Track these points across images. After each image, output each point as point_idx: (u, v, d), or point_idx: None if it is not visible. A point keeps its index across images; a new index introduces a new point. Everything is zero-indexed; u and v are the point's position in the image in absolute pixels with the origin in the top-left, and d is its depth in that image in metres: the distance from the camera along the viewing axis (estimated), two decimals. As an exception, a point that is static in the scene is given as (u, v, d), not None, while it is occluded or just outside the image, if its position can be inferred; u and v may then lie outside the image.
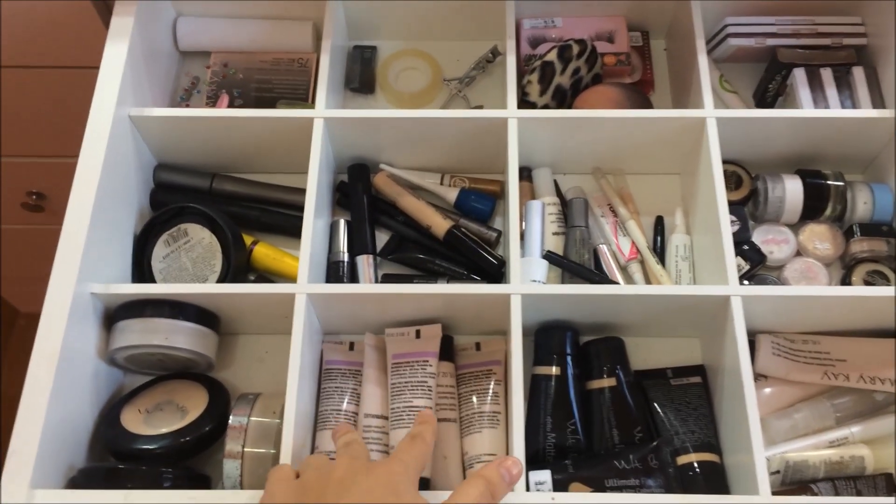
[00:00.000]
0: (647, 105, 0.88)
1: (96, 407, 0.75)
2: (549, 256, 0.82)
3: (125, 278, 0.80)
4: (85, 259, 0.71)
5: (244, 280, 0.82)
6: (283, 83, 0.93)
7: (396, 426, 0.73)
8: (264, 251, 0.83)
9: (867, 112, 0.82)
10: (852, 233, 0.83)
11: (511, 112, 0.80)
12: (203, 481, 0.72)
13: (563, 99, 0.88)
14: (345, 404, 0.76)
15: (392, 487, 0.57)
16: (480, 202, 0.86)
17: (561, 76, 0.86)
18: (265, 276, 0.84)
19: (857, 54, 0.88)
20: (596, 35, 0.92)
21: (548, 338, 0.78)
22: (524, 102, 0.86)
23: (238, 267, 0.80)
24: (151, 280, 0.80)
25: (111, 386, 0.78)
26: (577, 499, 0.66)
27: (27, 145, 1.20)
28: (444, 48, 0.96)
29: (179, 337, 0.74)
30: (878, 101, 0.84)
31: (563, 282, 0.83)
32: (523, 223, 0.84)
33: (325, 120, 0.80)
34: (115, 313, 0.75)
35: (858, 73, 0.85)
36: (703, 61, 0.83)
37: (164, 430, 0.72)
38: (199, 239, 0.80)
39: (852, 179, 0.86)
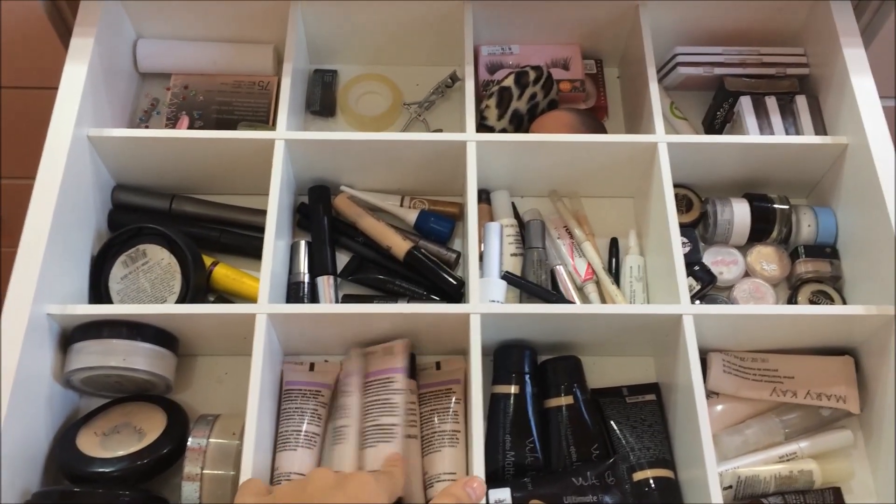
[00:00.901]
0: (601, 130, 0.90)
1: (52, 430, 0.74)
2: (507, 277, 0.83)
3: (82, 299, 0.79)
4: (41, 279, 0.70)
5: (204, 301, 0.82)
6: (244, 105, 0.93)
7: (365, 445, 0.73)
8: (224, 272, 0.83)
9: (810, 139, 0.85)
10: (797, 254, 0.86)
11: (470, 136, 0.82)
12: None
13: (520, 123, 0.90)
14: (305, 425, 0.76)
15: (369, 492, 0.59)
16: (439, 224, 0.87)
17: (518, 101, 0.88)
18: (225, 296, 0.84)
19: (799, 83, 0.92)
20: (552, 62, 0.95)
21: (506, 357, 0.79)
22: (482, 126, 0.87)
23: (198, 288, 0.80)
24: (109, 301, 0.80)
25: (67, 409, 0.77)
26: (536, 515, 0.67)
27: (-20, 166, 1.18)
28: (403, 73, 0.98)
29: (138, 358, 0.74)
30: (819, 128, 0.88)
31: (521, 302, 0.84)
32: (482, 244, 0.85)
33: (287, 141, 0.81)
34: (72, 335, 0.74)
35: (801, 102, 0.89)
36: (654, 89, 0.86)
37: (121, 453, 0.71)
38: (158, 260, 0.80)
39: (797, 203, 0.89)
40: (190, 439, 0.71)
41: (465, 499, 0.62)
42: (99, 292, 0.80)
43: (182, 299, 0.79)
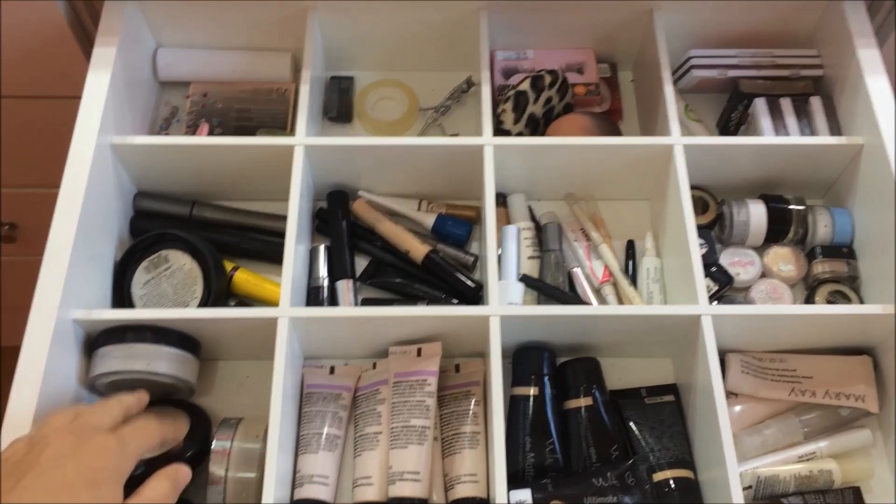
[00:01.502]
0: (617, 133, 0.91)
1: (77, 434, 0.74)
2: (525, 279, 0.84)
3: (105, 305, 0.80)
4: (67, 285, 0.71)
5: (225, 305, 0.83)
6: (263, 112, 0.94)
7: (395, 446, 0.74)
8: (245, 277, 0.84)
9: (825, 139, 0.86)
10: (814, 255, 0.86)
11: (487, 139, 0.83)
12: None
13: (537, 127, 0.91)
14: (326, 428, 0.77)
15: (108, 459, 0.57)
16: (457, 227, 0.88)
17: (534, 105, 0.89)
18: (246, 301, 0.85)
19: (813, 85, 0.92)
20: (566, 66, 0.96)
21: (525, 359, 0.79)
22: (499, 130, 0.88)
23: (219, 293, 0.81)
24: (131, 307, 0.81)
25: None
26: (558, 515, 0.68)
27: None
28: (419, 78, 0.99)
29: (161, 362, 0.74)
30: (835, 129, 0.88)
31: (539, 304, 0.85)
32: (499, 248, 0.86)
33: (306, 147, 0.82)
34: (97, 339, 0.75)
35: (816, 103, 0.89)
36: (669, 91, 0.87)
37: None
38: (180, 265, 0.81)
39: (813, 204, 0.90)
40: (214, 442, 0.72)
41: (181, 481, 0.63)
42: (122, 298, 0.81)
43: (204, 304, 0.80)
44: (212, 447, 0.72)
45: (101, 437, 0.59)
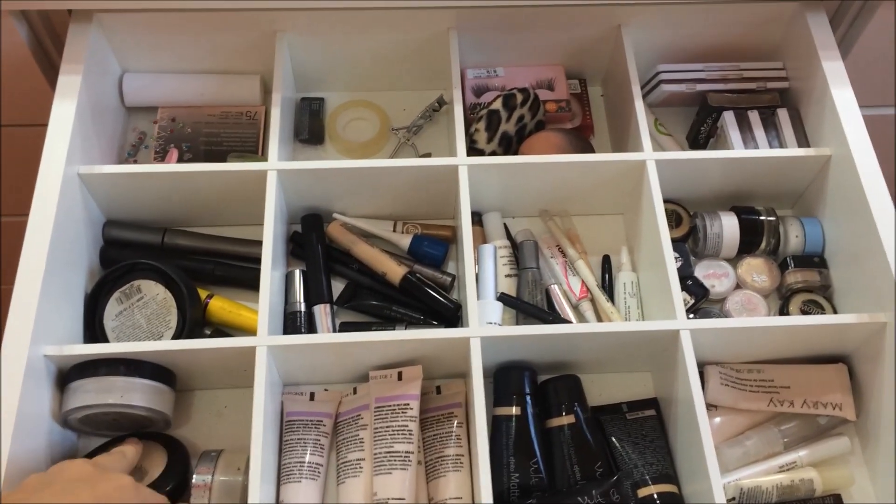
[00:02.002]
0: (589, 149, 0.91)
1: (51, 472, 0.73)
2: (503, 298, 0.84)
3: (77, 338, 0.78)
4: (38, 320, 0.70)
5: (200, 334, 0.82)
6: (233, 136, 0.93)
7: (379, 472, 0.73)
8: (220, 304, 0.83)
9: (793, 151, 0.87)
10: (786, 265, 0.87)
11: (461, 160, 0.83)
12: None
13: (510, 145, 0.91)
14: (308, 456, 0.76)
15: (122, 495, 0.60)
16: (433, 248, 0.88)
17: (507, 123, 0.89)
18: (221, 329, 0.83)
19: (780, 97, 0.94)
20: (536, 83, 0.96)
21: (506, 379, 0.79)
22: (472, 150, 0.88)
23: (194, 322, 0.79)
24: (104, 339, 0.79)
25: (66, 449, 0.76)
26: (546, 537, 0.67)
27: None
28: (390, 98, 0.99)
29: (135, 395, 0.73)
30: (802, 141, 0.89)
31: (517, 323, 0.85)
32: (476, 267, 0.85)
33: (279, 172, 0.81)
34: (69, 374, 0.73)
35: (783, 115, 0.91)
36: (640, 107, 0.87)
37: None
38: (153, 295, 0.80)
39: (783, 214, 0.91)
40: (195, 476, 0.71)
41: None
42: (94, 330, 0.79)
43: (179, 334, 0.78)
44: (192, 482, 0.70)
45: (118, 476, 0.61)
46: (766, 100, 0.93)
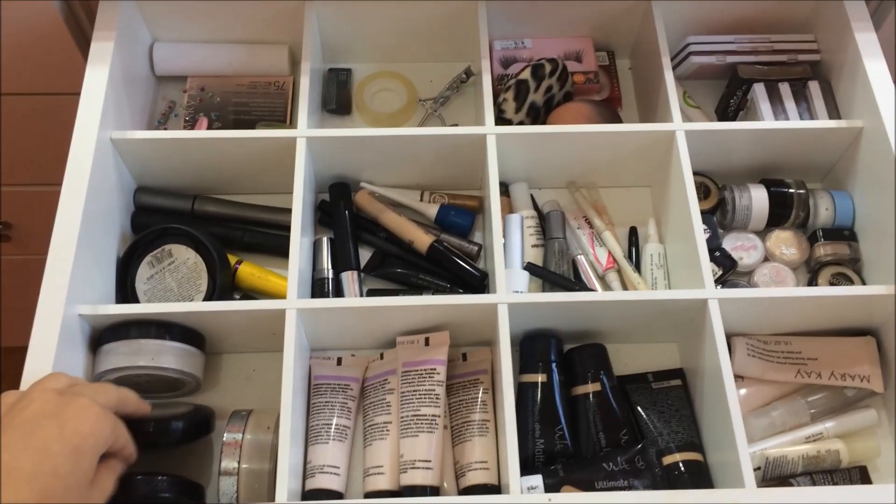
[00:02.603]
0: (618, 120, 0.91)
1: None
2: (530, 268, 0.84)
3: (110, 301, 0.80)
4: (73, 281, 0.70)
5: (230, 299, 0.83)
6: (261, 106, 0.94)
7: (405, 435, 0.74)
8: (249, 270, 0.84)
9: (824, 123, 0.86)
10: (816, 238, 0.87)
11: (489, 129, 0.83)
12: (198, 490, 0.72)
13: (537, 116, 0.91)
14: (335, 418, 0.77)
15: (89, 420, 0.57)
16: (460, 217, 0.88)
17: (535, 94, 0.89)
18: (250, 294, 0.84)
19: (811, 69, 0.93)
20: (564, 55, 0.96)
21: (533, 346, 0.79)
22: (500, 119, 0.88)
23: (224, 286, 0.80)
24: (136, 302, 0.80)
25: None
26: (574, 499, 0.68)
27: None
28: (417, 69, 0.99)
29: (166, 357, 0.74)
30: (833, 113, 0.89)
31: (544, 292, 0.85)
32: (503, 236, 0.86)
33: (308, 139, 0.82)
34: (101, 336, 0.75)
35: (814, 87, 0.90)
36: (669, 78, 0.87)
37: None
38: (184, 259, 0.81)
39: (813, 187, 0.90)
40: (225, 434, 0.72)
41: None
42: (126, 293, 0.80)
43: (209, 298, 0.79)
44: (224, 439, 0.71)
45: (84, 400, 0.57)
46: (797, 72, 0.92)
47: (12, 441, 0.53)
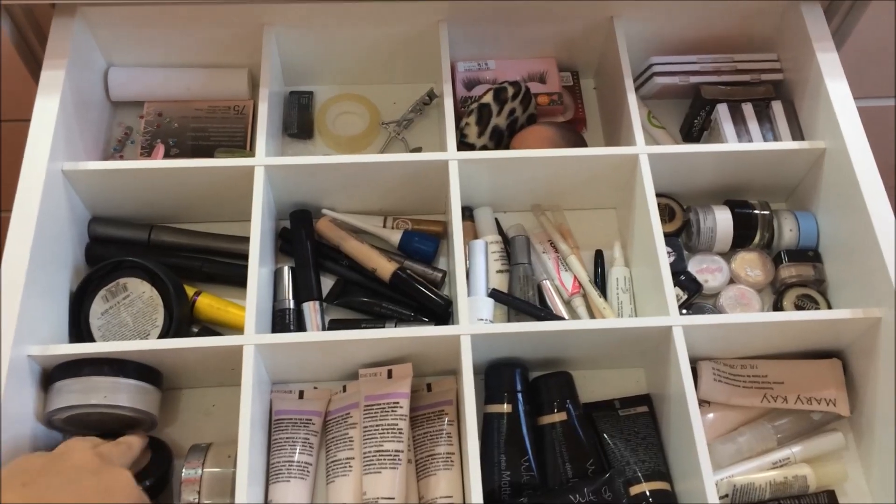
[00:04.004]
0: (581, 142, 0.90)
1: (36, 473, 0.72)
2: (494, 294, 0.83)
3: (62, 337, 0.77)
4: (21, 320, 0.68)
5: (188, 332, 0.80)
6: (220, 131, 0.92)
7: (368, 471, 0.72)
8: (208, 302, 0.82)
9: (787, 144, 0.86)
10: (780, 259, 0.86)
11: (452, 154, 0.82)
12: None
13: (501, 139, 0.90)
14: (297, 455, 0.75)
15: (123, 487, 0.61)
16: (424, 243, 0.87)
17: (497, 117, 0.88)
18: (209, 327, 0.82)
19: (774, 89, 0.93)
20: (528, 76, 0.95)
21: (498, 376, 0.78)
22: (463, 144, 0.87)
23: (181, 319, 0.78)
24: (90, 338, 0.78)
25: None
26: (537, 536, 0.67)
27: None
28: (380, 92, 0.98)
29: (120, 395, 0.72)
30: (796, 134, 0.88)
31: (509, 319, 0.84)
32: (467, 262, 0.84)
33: (266, 168, 0.80)
34: (53, 373, 0.72)
35: (777, 107, 0.90)
36: (632, 100, 0.86)
37: None
38: (140, 293, 0.79)
39: (777, 208, 0.90)
40: (184, 470, 0.70)
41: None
42: (79, 329, 0.78)
43: (166, 332, 0.77)
44: (182, 475, 0.70)
45: (121, 471, 0.62)
46: (761, 92, 0.92)
47: (55, 485, 0.57)
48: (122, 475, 0.61)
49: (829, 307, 0.84)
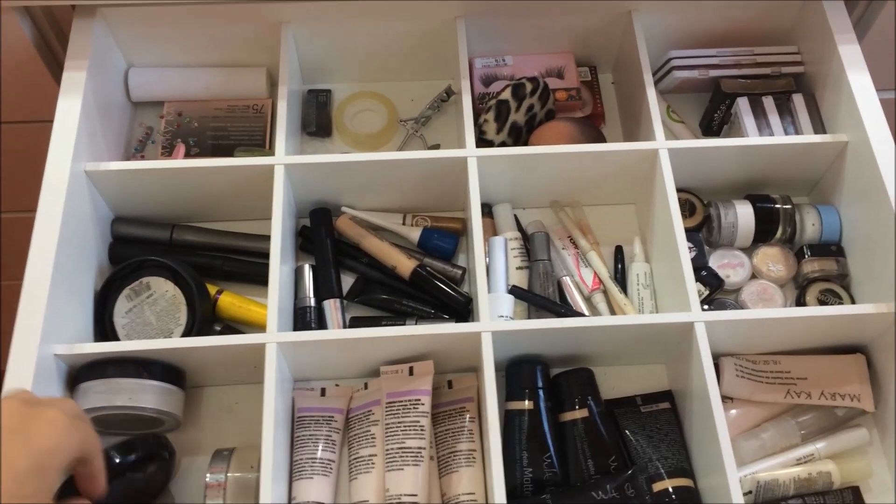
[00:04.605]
0: (600, 138, 0.90)
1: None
2: (514, 291, 0.83)
3: (87, 336, 0.78)
4: (47, 319, 0.69)
5: (210, 331, 0.81)
6: (239, 130, 0.92)
7: (391, 468, 0.73)
8: (230, 300, 0.83)
9: (809, 137, 0.85)
10: (803, 254, 0.86)
11: (470, 151, 0.81)
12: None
13: (519, 135, 0.90)
14: (319, 452, 0.75)
15: (56, 434, 0.53)
16: (443, 240, 0.87)
17: (516, 113, 0.87)
18: (231, 325, 0.83)
19: (795, 82, 0.92)
20: (546, 71, 0.95)
21: (519, 373, 0.78)
22: (481, 141, 0.87)
23: (204, 318, 0.79)
24: (114, 337, 0.79)
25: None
26: (560, 533, 0.67)
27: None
28: (398, 89, 0.98)
29: (145, 396, 0.73)
30: (818, 127, 0.88)
31: (529, 316, 0.84)
32: (487, 259, 0.85)
33: (286, 166, 0.80)
34: (79, 374, 0.73)
35: (798, 100, 0.89)
36: (651, 94, 0.86)
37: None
38: (163, 292, 0.79)
39: (799, 202, 0.89)
40: (208, 476, 0.70)
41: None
42: (104, 328, 0.79)
43: (189, 330, 0.78)
44: (206, 480, 0.70)
45: (52, 412, 0.54)
46: (781, 85, 0.91)
47: None
48: (53, 421, 0.53)
49: (853, 302, 0.83)
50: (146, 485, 0.71)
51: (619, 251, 0.89)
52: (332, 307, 0.82)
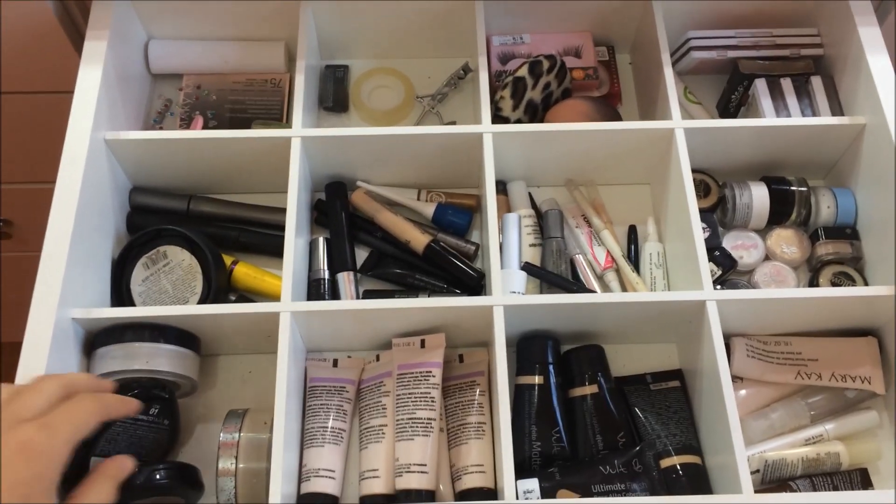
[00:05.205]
0: (616, 117, 0.90)
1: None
2: (527, 268, 0.83)
3: (104, 303, 0.79)
4: (66, 284, 0.70)
5: (225, 300, 0.82)
6: (257, 104, 0.93)
7: (401, 438, 0.73)
8: (245, 271, 0.83)
9: (827, 119, 0.85)
10: (817, 236, 0.86)
11: (486, 127, 0.82)
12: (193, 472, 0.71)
13: (535, 113, 0.90)
14: (331, 421, 0.76)
15: (24, 493, 0.49)
16: (457, 216, 0.87)
17: (532, 91, 0.88)
18: (246, 295, 0.84)
19: (814, 64, 0.91)
20: (563, 50, 0.95)
21: (529, 348, 0.79)
22: (497, 117, 0.87)
23: (219, 288, 0.80)
24: (131, 304, 0.80)
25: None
26: (567, 505, 0.67)
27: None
28: (414, 66, 0.98)
29: (161, 360, 0.74)
30: (836, 109, 0.87)
31: (541, 292, 0.84)
32: (500, 236, 0.85)
33: (303, 139, 0.81)
34: (96, 339, 0.74)
35: (816, 82, 0.89)
36: (668, 74, 0.86)
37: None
38: (179, 261, 0.80)
39: (815, 185, 0.89)
40: (221, 434, 0.71)
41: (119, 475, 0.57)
42: (121, 295, 0.80)
43: (204, 299, 0.79)
44: (220, 439, 0.71)
45: (22, 433, 0.50)
46: (800, 67, 0.91)
47: None
48: (23, 450, 0.49)
49: (866, 285, 0.83)
50: (151, 430, 0.71)
51: (632, 230, 0.89)
52: (345, 280, 0.83)
